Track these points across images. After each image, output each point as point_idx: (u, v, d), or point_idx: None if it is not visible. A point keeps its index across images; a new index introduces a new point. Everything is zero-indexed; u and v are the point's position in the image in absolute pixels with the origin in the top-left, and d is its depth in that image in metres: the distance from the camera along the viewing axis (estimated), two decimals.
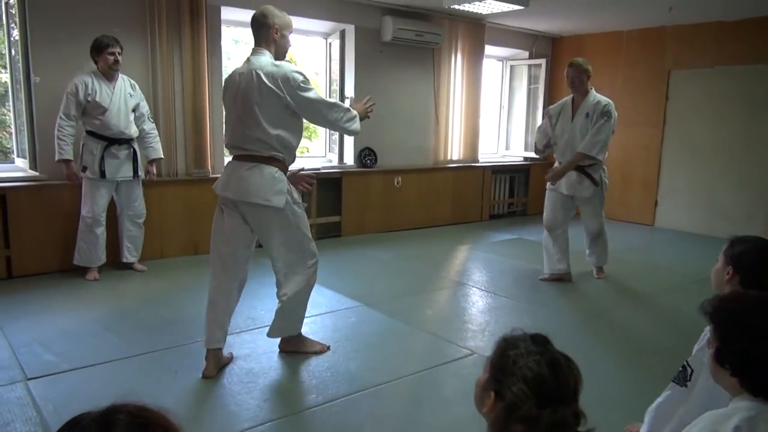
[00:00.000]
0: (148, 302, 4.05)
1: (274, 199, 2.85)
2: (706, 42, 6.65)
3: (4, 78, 5.87)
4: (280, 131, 2.87)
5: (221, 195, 2.97)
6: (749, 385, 1.36)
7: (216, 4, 5.22)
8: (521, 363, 1.15)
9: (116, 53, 4.29)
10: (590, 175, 4.55)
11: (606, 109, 4.45)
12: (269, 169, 2.87)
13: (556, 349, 1.20)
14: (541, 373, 1.13)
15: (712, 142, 6.74)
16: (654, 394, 2.08)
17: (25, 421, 2.46)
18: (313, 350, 3.24)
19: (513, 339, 1.23)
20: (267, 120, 2.83)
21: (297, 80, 2.82)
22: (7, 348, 3.19)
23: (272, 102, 2.82)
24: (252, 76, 2.82)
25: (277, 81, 2.80)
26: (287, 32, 2.98)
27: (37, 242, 4.52)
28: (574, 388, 1.16)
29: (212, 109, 5.30)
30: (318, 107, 2.90)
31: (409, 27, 6.24)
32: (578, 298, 4.45)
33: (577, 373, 1.18)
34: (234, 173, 2.90)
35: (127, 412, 0.81)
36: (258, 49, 2.94)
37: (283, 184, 2.89)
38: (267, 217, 2.91)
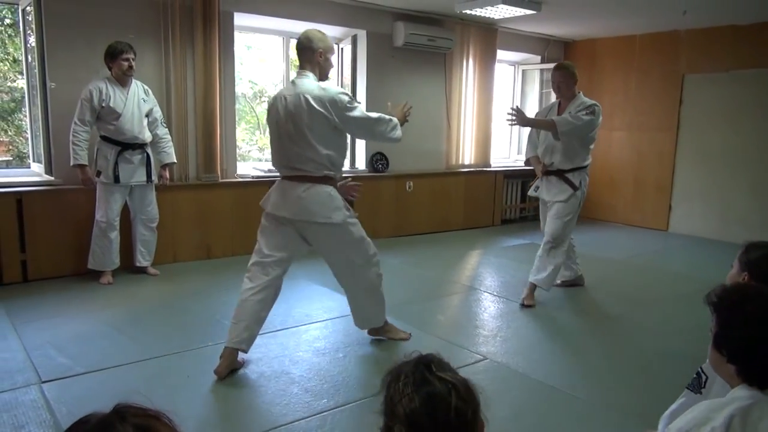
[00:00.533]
0: (161, 306, 4.07)
1: (334, 215, 3.01)
2: (720, 46, 6.60)
3: (21, 84, 5.95)
4: (330, 151, 3.02)
5: (275, 214, 3.08)
6: (745, 373, 1.40)
7: (229, 10, 5.27)
8: (397, 399, 1.07)
9: (130, 59, 4.34)
10: (569, 181, 4.29)
11: (591, 108, 4.13)
12: (325, 188, 3.02)
13: (439, 374, 1.08)
14: (414, 410, 1.04)
15: (727, 147, 6.68)
16: (668, 401, 2.06)
17: (39, 424, 2.48)
18: (398, 337, 3.50)
19: (398, 370, 1.12)
20: (318, 141, 2.97)
21: (343, 101, 2.98)
22: (22, 351, 3.22)
23: (321, 124, 2.96)
24: (300, 100, 2.95)
25: (325, 104, 2.95)
26: (330, 55, 3.14)
27: (52, 246, 4.57)
28: (456, 417, 1.04)
29: (223, 114, 5.34)
30: (364, 124, 3.08)
31: (421, 32, 6.25)
32: (591, 304, 4.42)
33: (461, 401, 1.05)
34: (289, 193, 3.03)
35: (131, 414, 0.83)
36: (303, 72, 3.08)
37: (339, 201, 3.06)
38: (328, 233, 3.07)
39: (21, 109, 6.51)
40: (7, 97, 6.84)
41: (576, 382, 3.05)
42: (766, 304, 1.42)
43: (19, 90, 6.49)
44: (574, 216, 4.33)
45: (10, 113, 6.85)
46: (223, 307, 4.04)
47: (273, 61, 8.21)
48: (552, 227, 4.28)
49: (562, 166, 4.29)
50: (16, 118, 6.83)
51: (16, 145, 6.95)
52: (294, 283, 4.68)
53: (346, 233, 3.10)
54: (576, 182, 4.27)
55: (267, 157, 8.59)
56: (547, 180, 4.38)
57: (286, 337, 3.55)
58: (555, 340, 3.71)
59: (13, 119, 6.87)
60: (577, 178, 4.29)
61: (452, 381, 1.07)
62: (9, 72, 6.76)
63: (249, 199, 5.52)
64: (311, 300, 4.26)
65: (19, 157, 6.79)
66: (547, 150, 4.34)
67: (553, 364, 3.30)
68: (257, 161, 7.64)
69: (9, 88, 6.84)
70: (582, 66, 7.93)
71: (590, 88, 7.85)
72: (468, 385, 1.09)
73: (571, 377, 3.11)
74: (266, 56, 8.47)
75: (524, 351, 3.49)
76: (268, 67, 8.58)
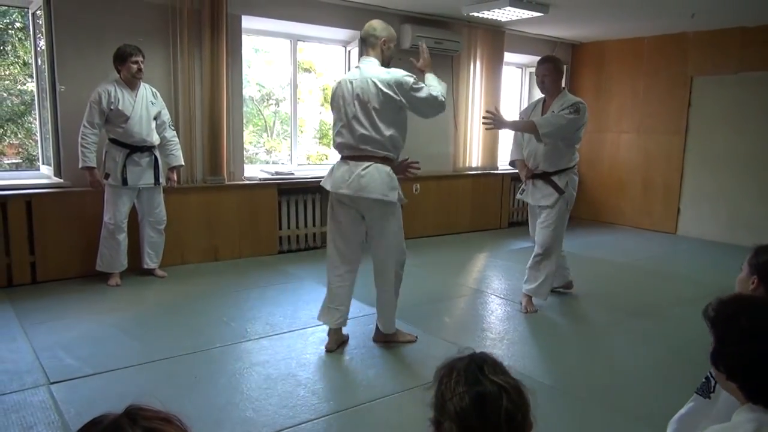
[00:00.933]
0: (169, 308, 4.09)
1: (390, 194, 3.19)
2: (728, 48, 6.56)
3: (31, 87, 6.00)
4: (392, 131, 3.21)
5: (335, 192, 3.27)
6: (746, 390, 1.31)
7: (237, 13, 5.28)
8: (448, 396, 1.08)
9: (139, 62, 4.36)
10: (555, 184, 4.11)
11: (575, 106, 3.96)
12: (385, 168, 3.21)
13: (491, 376, 1.09)
14: (464, 409, 1.06)
15: (736, 150, 6.63)
16: (677, 406, 2.05)
17: (48, 425, 2.50)
18: (405, 340, 3.54)
19: (450, 366, 1.14)
20: (383, 122, 3.17)
21: (409, 83, 3.17)
22: (31, 352, 3.24)
23: (388, 105, 3.16)
24: (368, 83, 3.17)
25: (392, 86, 3.15)
26: (392, 44, 3.36)
27: (61, 248, 4.59)
28: (506, 420, 1.05)
29: (231, 117, 5.36)
30: (430, 103, 3.24)
31: (428, 34, 6.24)
32: (598, 308, 4.40)
33: (512, 404, 1.07)
34: (349, 172, 3.22)
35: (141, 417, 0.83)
36: (367, 57, 3.30)
37: (396, 182, 3.24)
38: (383, 210, 3.25)
39: (31, 112, 6.56)
40: (17, 100, 6.90)
41: (584, 386, 3.04)
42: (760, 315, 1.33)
43: (29, 93, 6.54)
44: (562, 222, 4.17)
45: (20, 116, 6.91)
46: (230, 309, 4.05)
47: (280, 63, 8.23)
48: (541, 238, 4.15)
49: (546, 168, 4.12)
50: (26, 121, 6.88)
51: (26, 147, 7.00)
52: (301, 285, 4.69)
53: (393, 215, 3.29)
54: (562, 185, 4.09)
55: (274, 159, 8.62)
56: (533, 183, 4.22)
57: (293, 340, 3.55)
58: (562, 343, 3.69)
59: (23, 122, 6.92)
60: (563, 181, 4.10)
61: (504, 384, 1.08)
62: (19, 75, 6.81)
63: (256, 202, 5.55)
64: (318, 302, 4.23)
65: (28, 159, 6.84)
66: (532, 152, 4.17)
67: (561, 368, 3.29)
68: (265, 163, 7.66)
69: (19, 91, 6.89)
70: (590, 68, 7.94)
71: (598, 90, 7.84)
72: (520, 389, 1.10)
73: (579, 381, 3.10)
74: (274, 59, 8.50)
75: (531, 354, 3.48)
76: (275, 69, 8.61)
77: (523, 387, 1.11)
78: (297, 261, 5.50)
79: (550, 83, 4.07)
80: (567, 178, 4.12)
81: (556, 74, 4.08)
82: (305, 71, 8.46)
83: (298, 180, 5.78)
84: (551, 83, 4.07)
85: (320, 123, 9.25)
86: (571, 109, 3.94)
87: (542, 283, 4.14)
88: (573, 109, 3.94)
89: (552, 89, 4.10)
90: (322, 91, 9.06)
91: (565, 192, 4.10)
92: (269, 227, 5.66)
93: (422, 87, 3.21)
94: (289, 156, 6.36)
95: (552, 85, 4.08)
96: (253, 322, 3.83)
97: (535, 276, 4.15)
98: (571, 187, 4.15)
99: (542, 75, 4.08)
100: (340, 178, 3.25)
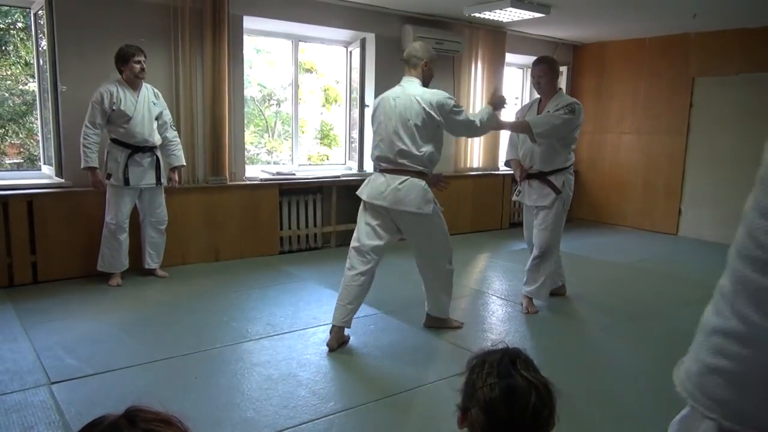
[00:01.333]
0: (170, 308, 4.09)
1: (425, 207, 3.39)
2: (730, 49, 6.56)
3: (33, 87, 6.00)
4: (430, 148, 3.42)
5: (372, 203, 3.45)
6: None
7: (238, 13, 5.29)
8: (479, 385, 1.11)
9: (142, 62, 4.36)
10: (551, 183, 4.10)
11: (570, 106, 3.95)
12: (420, 182, 3.40)
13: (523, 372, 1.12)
14: (493, 399, 1.08)
15: (737, 151, 6.63)
16: (679, 407, 2.04)
17: (49, 425, 2.50)
18: (451, 326, 3.79)
19: (483, 357, 1.17)
20: (422, 138, 3.38)
21: (450, 105, 3.41)
22: (32, 352, 3.25)
23: (428, 123, 3.37)
24: (411, 101, 3.39)
25: (434, 106, 3.37)
26: (432, 64, 3.57)
27: (62, 248, 4.60)
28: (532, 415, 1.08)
29: (232, 117, 5.36)
30: (465, 125, 3.51)
31: (430, 35, 6.24)
32: (600, 309, 4.39)
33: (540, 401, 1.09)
34: (386, 184, 3.41)
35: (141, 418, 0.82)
36: (410, 78, 3.52)
37: (431, 195, 3.43)
38: (419, 222, 3.46)
39: (32, 112, 6.56)
40: (18, 100, 6.90)
41: (585, 387, 3.04)
42: None
43: (30, 93, 6.55)
44: (560, 222, 4.16)
45: (21, 116, 6.91)
46: (230, 310, 4.06)
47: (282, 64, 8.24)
48: (540, 240, 4.13)
49: (542, 168, 4.12)
50: (28, 121, 6.88)
51: (27, 147, 7.01)
52: (302, 286, 4.69)
53: (433, 223, 3.50)
54: (558, 184, 4.08)
55: (275, 159, 8.62)
56: (528, 184, 4.22)
57: (293, 340, 3.55)
58: (563, 345, 3.69)
59: (25, 122, 6.93)
60: (559, 180, 4.09)
61: (534, 380, 1.11)
62: (21, 75, 6.82)
63: (257, 202, 5.55)
64: (319, 303, 4.26)
65: (30, 159, 6.85)
66: (527, 152, 4.17)
67: (562, 370, 3.29)
68: (266, 164, 7.66)
69: (21, 91, 6.89)
70: (591, 69, 7.94)
71: (599, 91, 7.84)
72: (549, 387, 1.14)
73: (580, 383, 3.10)
74: (275, 59, 8.51)
75: (532, 355, 3.47)
76: (277, 70, 8.62)
77: (552, 386, 1.15)
78: (298, 261, 5.51)
79: (545, 84, 4.08)
80: (563, 178, 4.11)
81: (551, 74, 4.08)
82: (306, 72, 8.46)
83: (300, 180, 5.78)
84: (547, 84, 4.08)
85: (321, 123, 9.25)
86: (566, 109, 3.94)
87: (542, 285, 4.15)
88: (568, 110, 3.94)
89: (547, 90, 4.10)
90: (323, 91, 9.07)
91: (562, 192, 4.09)
92: (270, 227, 5.66)
93: (462, 110, 3.47)
94: (291, 156, 6.36)
95: (547, 86, 4.08)
96: (254, 322, 3.83)
97: (535, 278, 4.16)
98: (567, 187, 4.14)
99: (538, 75, 4.09)
100: (376, 190, 3.43)
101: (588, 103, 7.90)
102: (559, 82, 4.23)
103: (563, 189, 4.10)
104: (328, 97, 9.10)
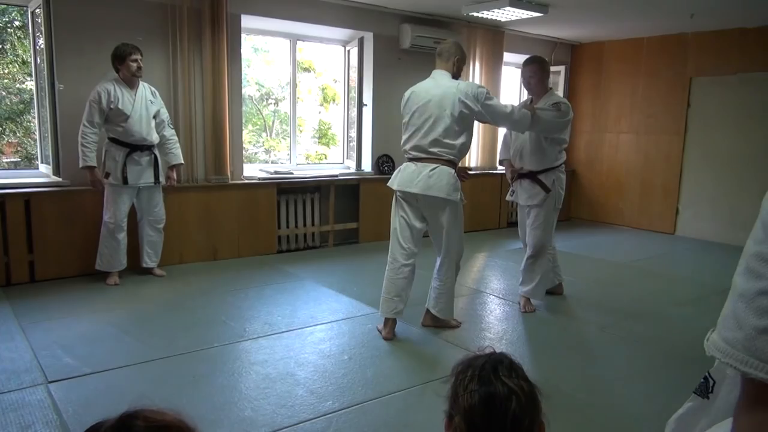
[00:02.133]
0: (168, 307, 4.09)
1: (453, 194, 3.50)
2: (728, 49, 6.57)
3: (30, 86, 5.99)
4: (463, 138, 3.53)
5: (402, 191, 3.56)
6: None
7: (236, 12, 5.28)
8: (461, 392, 1.10)
9: (138, 60, 4.36)
10: (541, 182, 4.11)
11: (557, 105, 3.92)
12: (450, 170, 3.51)
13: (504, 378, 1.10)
14: (473, 406, 1.07)
15: (735, 150, 6.64)
16: (675, 406, 2.05)
17: (46, 424, 2.49)
18: (450, 325, 3.82)
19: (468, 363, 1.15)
20: (458, 128, 3.49)
21: (483, 94, 3.50)
22: (29, 351, 3.24)
23: (463, 113, 3.47)
24: (446, 92, 3.49)
25: (469, 95, 3.46)
26: (462, 64, 3.67)
27: (60, 247, 4.59)
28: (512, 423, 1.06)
29: (230, 116, 5.35)
30: (499, 111, 3.58)
31: (428, 34, 6.25)
32: (597, 307, 4.40)
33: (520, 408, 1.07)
34: (417, 172, 3.51)
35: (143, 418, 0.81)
36: (441, 71, 3.62)
37: (459, 184, 3.55)
38: (444, 210, 3.55)
39: (30, 111, 6.56)
40: (16, 99, 6.90)
41: (582, 386, 3.04)
42: None
43: (27, 92, 6.54)
44: (551, 220, 4.20)
45: (18, 115, 6.90)
46: (228, 309, 4.06)
47: (280, 63, 8.23)
48: (532, 239, 4.19)
49: (532, 167, 4.15)
50: (25, 120, 6.87)
51: (25, 146, 7.00)
52: (299, 285, 4.69)
53: (455, 214, 3.59)
54: (548, 183, 4.11)
55: (273, 158, 8.62)
56: (520, 184, 4.25)
57: (291, 339, 3.55)
58: (560, 343, 3.69)
59: (22, 121, 6.92)
60: (549, 179, 4.12)
61: (515, 387, 1.09)
62: (18, 74, 6.81)
63: (255, 201, 5.55)
64: (317, 302, 4.27)
65: (27, 158, 6.84)
66: (517, 151, 4.21)
67: (559, 368, 3.29)
68: (264, 163, 7.66)
69: (18, 90, 6.89)
70: (589, 69, 7.94)
71: (597, 91, 7.85)
72: (532, 394, 1.11)
73: (577, 381, 3.10)
74: (273, 58, 8.51)
75: (530, 354, 3.49)
76: (275, 69, 8.61)
77: (537, 392, 1.12)
78: (296, 260, 5.50)
79: (535, 83, 4.09)
80: (554, 177, 4.14)
81: (541, 74, 4.08)
82: (305, 71, 8.46)
83: (298, 179, 5.78)
84: (537, 83, 4.09)
85: (319, 122, 9.25)
86: (555, 107, 3.91)
87: (538, 284, 4.18)
88: (556, 107, 3.91)
89: (537, 89, 4.11)
90: (321, 90, 9.07)
91: (552, 190, 4.11)
92: (268, 226, 5.66)
93: (493, 98, 3.57)
94: (289, 155, 6.36)
95: (537, 85, 4.10)
96: (252, 321, 3.83)
97: (531, 277, 4.19)
98: (558, 186, 4.15)
99: (528, 76, 4.10)
100: (407, 178, 3.53)
101: (586, 102, 7.92)
102: (550, 82, 4.24)
103: (553, 187, 4.12)
104: (326, 96, 9.11)
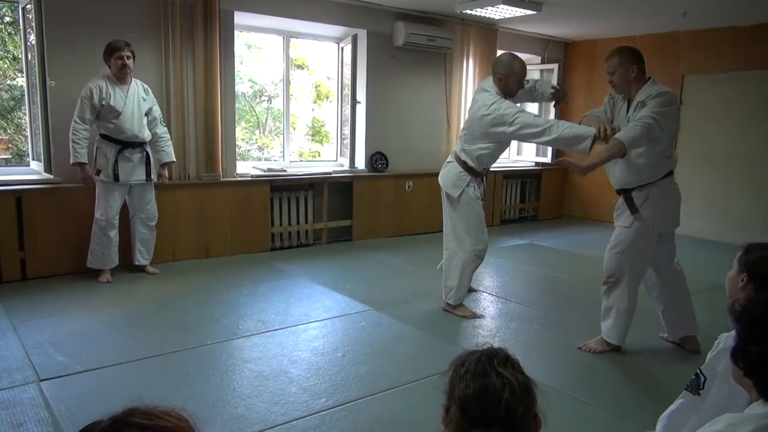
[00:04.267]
0: (160, 305, 4.07)
1: (452, 190, 3.87)
2: (720, 47, 6.60)
3: (21, 82, 5.95)
4: (478, 146, 3.79)
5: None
6: (760, 388, 1.36)
7: (229, 8, 5.26)
8: (457, 383, 1.14)
9: (124, 57, 4.30)
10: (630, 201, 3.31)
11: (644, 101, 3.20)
12: (458, 168, 3.87)
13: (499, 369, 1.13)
14: (467, 396, 1.11)
15: (727, 148, 6.68)
16: (667, 402, 2.06)
17: (38, 422, 2.48)
18: (463, 315, 4.00)
19: (465, 357, 1.19)
20: (474, 135, 3.79)
21: (506, 119, 3.57)
22: (20, 349, 3.22)
23: (479, 123, 3.70)
24: (475, 101, 3.80)
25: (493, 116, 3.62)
26: (510, 80, 3.72)
27: (51, 244, 4.57)
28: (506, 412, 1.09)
29: (223, 113, 5.33)
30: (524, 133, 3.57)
31: (421, 32, 6.24)
32: (590, 304, 4.41)
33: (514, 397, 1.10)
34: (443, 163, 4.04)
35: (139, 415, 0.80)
36: (489, 82, 3.81)
37: (462, 182, 3.84)
38: (447, 201, 3.98)
39: (21, 107, 6.51)
40: (6, 95, 6.85)
41: (574, 382, 3.06)
42: None
43: (18, 88, 6.49)
44: (631, 249, 3.30)
45: (9, 111, 6.86)
46: (221, 306, 4.05)
47: (273, 60, 8.21)
48: (605, 261, 3.45)
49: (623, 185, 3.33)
50: (16, 116, 6.83)
51: (16, 143, 6.95)
52: (293, 283, 4.68)
53: (455, 208, 3.92)
54: (638, 203, 3.25)
55: (267, 156, 8.60)
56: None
57: (284, 337, 3.55)
58: (554, 340, 3.70)
59: (13, 117, 6.87)
60: (640, 198, 3.26)
61: (509, 377, 1.11)
62: (9, 70, 6.76)
63: (248, 199, 5.53)
64: (310, 299, 4.26)
65: (18, 155, 6.79)
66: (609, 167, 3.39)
67: (552, 365, 3.31)
68: (257, 160, 7.64)
69: (9, 86, 6.84)
70: (582, 66, 7.96)
71: (590, 88, 7.87)
72: (526, 384, 1.14)
73: (569, 377, 3.12)
74: (266, 55, 8.48)
75: (523, 351, 3.49)
76: (268, 66, 8.59)
77: (531, 384, 1.15)
78: (289, 258, 5.50)
79: (618, 79, 3.27)
80: (648, 192, 3.25)
81: (622, 68, 3.24)
82: (298, 68, 8.44)
83: (291, 177, 5.77)
84: (620, 79, 3.26)
85: (313, 120, 9.24)
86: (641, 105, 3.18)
87: (613, 322, 3.41)
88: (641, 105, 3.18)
89: (625, 87, 3.29)
90: (314, 87, 9.05)
91: (641, 211, 3.25)
92: (261, 224, 5.64)
93: (517, 121, 3.52)
94: (282, 153, 6.34)
95: (623, 83, 3.27)
96: (245, 319, 3.82)
97: (607, 312, 3.45)
98: (651, 206, 3.24)
99: (609, 74, 3.30)
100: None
101: (579, 100, 7.93)
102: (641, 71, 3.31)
103: (644, 208, 3.25)
104: (319, 94, 9.09)
